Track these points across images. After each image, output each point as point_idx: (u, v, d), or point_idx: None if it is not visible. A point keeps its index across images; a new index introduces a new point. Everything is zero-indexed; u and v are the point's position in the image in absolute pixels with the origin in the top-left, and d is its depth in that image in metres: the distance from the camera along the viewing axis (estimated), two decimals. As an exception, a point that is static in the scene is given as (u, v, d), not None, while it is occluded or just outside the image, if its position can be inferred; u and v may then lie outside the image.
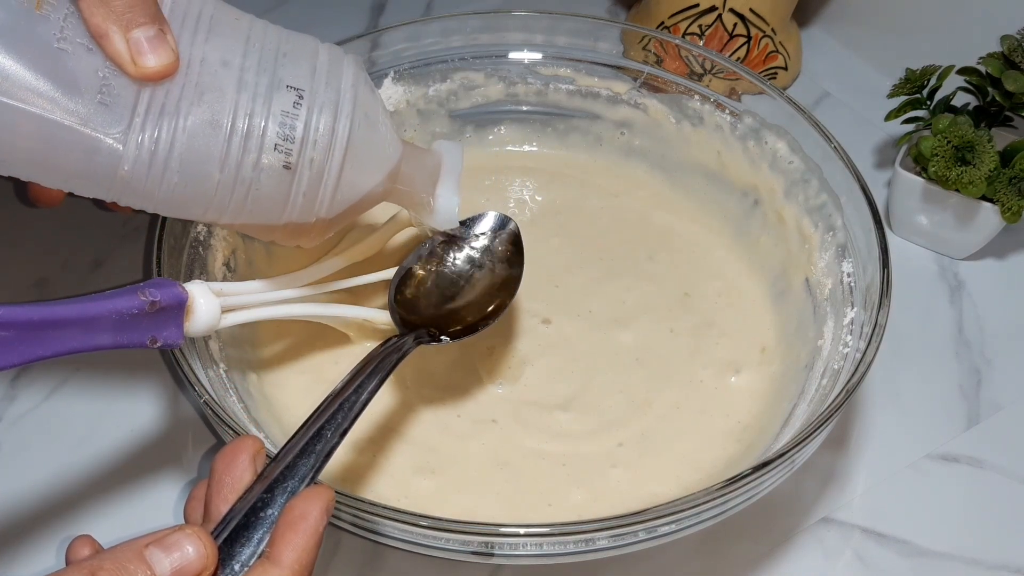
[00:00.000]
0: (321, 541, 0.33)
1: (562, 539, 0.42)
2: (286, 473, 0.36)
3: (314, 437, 0.37)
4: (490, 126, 0.68)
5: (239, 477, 0.35)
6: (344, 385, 0.41)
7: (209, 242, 0.54)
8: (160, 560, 0.31)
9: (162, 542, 0.31)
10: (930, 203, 0.65)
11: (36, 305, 0.35)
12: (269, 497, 0.35)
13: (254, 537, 0.33)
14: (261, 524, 0.34)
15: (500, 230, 0.53)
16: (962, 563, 0.52)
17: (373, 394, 0.41)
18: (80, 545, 0.34)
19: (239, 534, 0.34)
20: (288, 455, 0.36)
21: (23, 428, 0.57)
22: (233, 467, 0.35)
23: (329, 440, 0.37)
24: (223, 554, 0.33)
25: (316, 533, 0.33)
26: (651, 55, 0.64)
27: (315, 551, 0.33)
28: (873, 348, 0.47)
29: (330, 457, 0.37)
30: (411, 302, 0.51)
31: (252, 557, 0.33)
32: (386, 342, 0.45)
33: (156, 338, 0.39)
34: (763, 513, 0.53)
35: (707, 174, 0.64)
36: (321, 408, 0.39)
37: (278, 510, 0.34)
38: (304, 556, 0.32)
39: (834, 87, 0.79)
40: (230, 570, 0.33)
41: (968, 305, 0.65)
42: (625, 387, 0.55)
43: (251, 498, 0.34)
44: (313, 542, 0.33)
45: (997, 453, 0.57)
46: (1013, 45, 0.61)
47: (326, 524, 0.33)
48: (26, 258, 0.66)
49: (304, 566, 0.32)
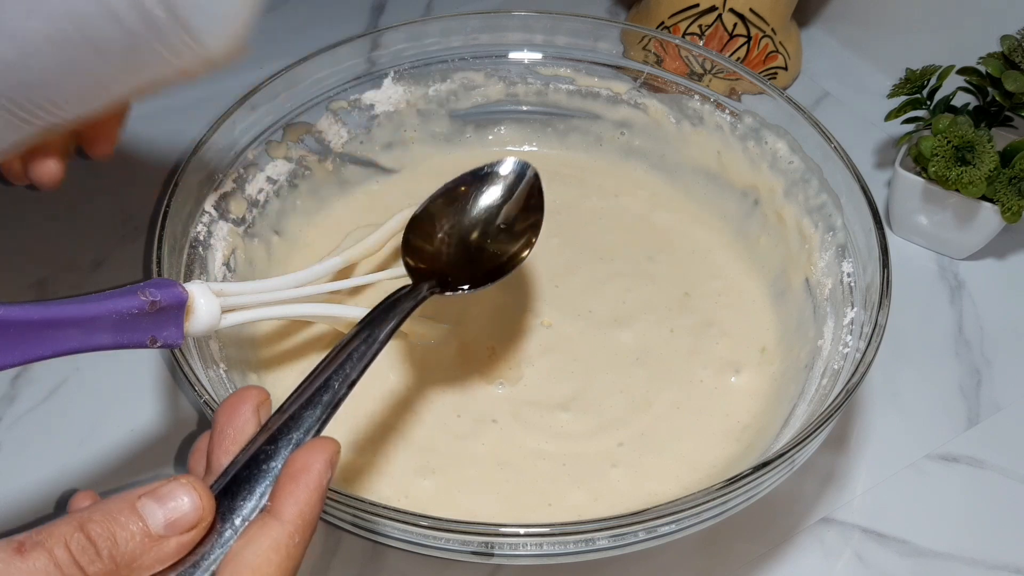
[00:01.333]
0: (324, 494, 0.32)
1: (562, 539, 0.42)
2: (290, 424, 0.34)
3: (321, 387, 0.36)
4: (490, 126, 0.68)
5: (241, 428, 0.34)
6: (354, 335, 0.39)
7: (209, 242, 0.55)
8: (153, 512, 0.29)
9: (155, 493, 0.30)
10: (930, 203, 0.65)
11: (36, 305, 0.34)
12: (272, 449, 0.33)
13: (256, 490, 0.32)
14: (263, 477, 0.32)
15: (520, 175, 0.50)
16: (962, 563, 0.52)
17: (383, 344, 0.39)
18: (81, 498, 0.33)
19: (240, 487, 0.32)
20: (293, 406, 0.35)
21: (23, 428, 0.57)
22: (235, 418, 0.34)
23: (336, 391, 0.36)
24: (224, 507, 0.32)
25: (319, 486, 0.31)
26: (651, 55, 0.64)
27: (318, 505, 0.31)
28: (873, 348, 0.47)
29: (337, 408, 0.35)
30: (423, 249, 0.48)
31: (254, 511, 0.32)
32: (399, 290, 0.43)
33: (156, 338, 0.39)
34: (763, 513, 0.53)
35: (707, 174, 0.64)
36: (329, 358, 0.37)
37: (281, 462, 0.32)
38: (307, 510, 0.31)
39: (834, 87, 0.79)
40: (231, 524, 0.31)
41: (968, 305, 0.65)
42: (625, 387, 0.55)
43: (253, 449, 0.33)
44: (316, 496, 0.31)
45: (997, 453, 0.57)
46: (1013, 45, 0.61)
47: (330, 477, 0.32)
48: (26, 258, 0.66)
49: (306, 520, 0.31)
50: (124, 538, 0.29)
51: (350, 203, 0.65)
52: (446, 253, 0.48)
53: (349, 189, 0.65)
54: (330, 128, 0.63)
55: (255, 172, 0.59)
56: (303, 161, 0.62)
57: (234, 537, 0.31)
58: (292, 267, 0.60)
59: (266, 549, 0.30)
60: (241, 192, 0.58)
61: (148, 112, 0.78)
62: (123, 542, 0.29)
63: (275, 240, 0.60)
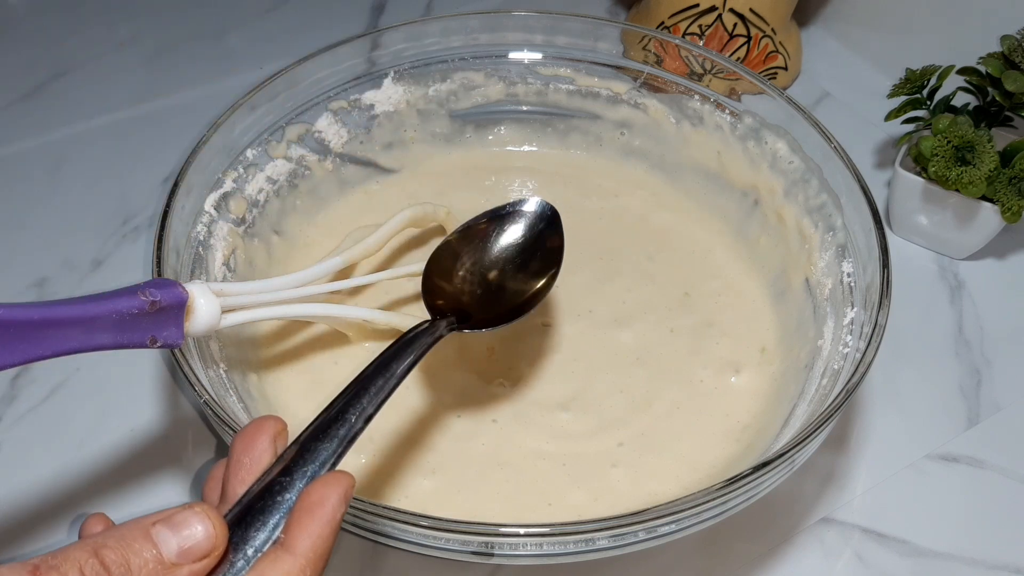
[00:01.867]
0: (338, 529, 0.32)
1: (562, 539, 0.42)
2: (306, 456, 0.34)
3: (337, 420, 0.36)
4: (490, 126, 0.68)
5: (258, 458, 0.34)
6: (372, 369, 0.39)
7: (209, 242, 0.55)
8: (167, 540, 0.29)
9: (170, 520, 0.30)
10: (930, 203, 0.65)
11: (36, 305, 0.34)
12: (287, 481, 0.33)
13: (269, 522, 0.32)
14: (277, 508, 0.32)
15: (541, 215, 0.51)
16: (962, 563, 0.52)
17: (401, 379, 0.39)
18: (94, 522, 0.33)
19: (254, 517, 0.32)
20: (309, 438, 0.35)
21: (23, 428, 0.57)
22: (252, 448, 0.34)
23: (352, 425, 0.36)
24: (236, 538, 0.32)
25: (333, 520, 0.31)
26: (651, 55, 0.64)
27: (331, 539, 0.31)
28: (873, 348, 0.47)
29: (353, 442, 0.35)
30: (442, 287, 0.48)
31: (267, 543, 0.32)
32: (418, 326, 0.43)
33: (156, 338, 0.39)
34: (763, 513, 0.53)
35: (707, 174, 0.64)
36: (346, 391, 0.37)
37: (295, 495, 0.32)
38: (319, 544, 0.31)
39: (834, 87, 0.79)
40: (243, 554, 0.31)
41: (968, 305, 0.65)
42: (625, 387, 0.55)
43: (267, 480, 0.33)
44: (329, 529, 0.31)
45: (997, 453, 0.57)
46: (1013, 45, 0.61)
47: (344, 512, 0.32)
48: (26, 258, 0.67)
49: (319, 555, 0.31)
50: (137, 565, 0.29)
51: (350, 203, 0.65)
52: (466, 291, 0.49)
53: (349, 189, 0.65)
54: (330, 128, 0.63)
55: (255, 172, 0.59)
56: (303, 161, 0.62)
57: (246, 568, 0.31)
58: (292, 267, 0.60)
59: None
60: (241, 192, 0.58)
61: (148, 112, 0.78)
62: (136, 569, 0.29)
63: (275, 240, 0.60)
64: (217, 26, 0.86)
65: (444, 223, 0.61)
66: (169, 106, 0.78)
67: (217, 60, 0.82)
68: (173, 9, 0.87)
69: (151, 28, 0.85)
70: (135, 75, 0.81)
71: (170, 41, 0.84)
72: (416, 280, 0.58)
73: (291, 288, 0.49)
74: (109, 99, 0.78)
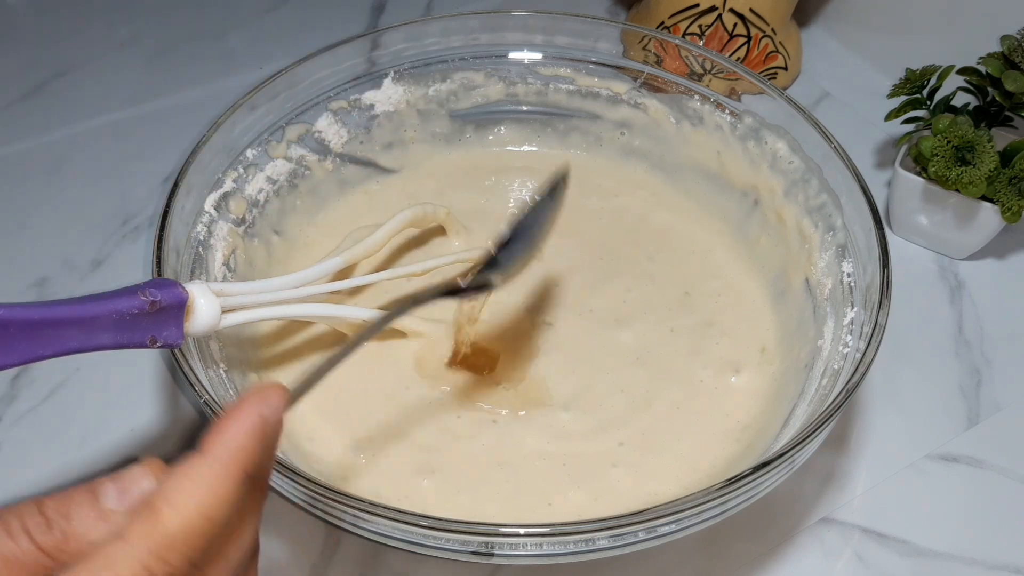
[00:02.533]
0: (262, 436, 0.29)
1: (562, 539, 0.42)
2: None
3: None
4: (490, 126, 0.68)
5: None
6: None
7: (209, 242, 0.55)
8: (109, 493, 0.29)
9: (115, 476, 0.30)
10: (930, 203, 0.65)
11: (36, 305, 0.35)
12: None
13: None
14: None
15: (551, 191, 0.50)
16: (962, 563, 0.52)
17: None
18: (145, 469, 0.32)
19: None
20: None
21: (23, 428, 0.57)
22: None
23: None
24: None
25: (251, 425, 0.29)
26: (651, 55, 0.64)
27: (251, 444, 0.29)
28: (873, 348, 0.47)
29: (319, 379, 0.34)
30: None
31: None
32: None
33: (156, 338, 0.39)
34: (763, 513, 0.53)
35: (707, 174, 0.64)
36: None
37: None
38: (233, 446, 0.29)
39: (834, 87, 0.79)
40: None
41: (968, 305, 0.65)
42: (625, 387, 0.55)
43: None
44: (244, 432, 0.29)
45: (997, 453, 0.57)
46: (1013, 45, 0.61)
47: (271, 422, 0.30)
48: (26, 258, 0.67)
49: (234, 459, 0.29)
50: (78, 515, 0.29)
51: (350, 203, 0.65)
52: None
53: (349, 189, 0.65)
54: (330, 128, 0.63)
55: (255, 172, 0.59)
56: (303, 161, 0.62)
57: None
58: (292, 267, 0.60)
59: (184, 482, 0.28)
60: (241, 192, 0.58)
61: (148, 112, 0.78)
62: (77, 519, 0.29)
63: (275, 240, 0.60)
64: (217, 26, 0.86)
65: (444, 223, 0.61)
66: (169, 106, 0.78)
67: (217, 60, 0.82)
68: (173, 9, 0.87)
69: (151, 28, 0.85)
70: (135, 75, 0.81)
71: (170, 41, 0.84)
72: (416, 281, 0.58)
73: (291, 288, 0.49)
74: (109, 99, 0.78)
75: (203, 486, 0.28)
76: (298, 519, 0.52)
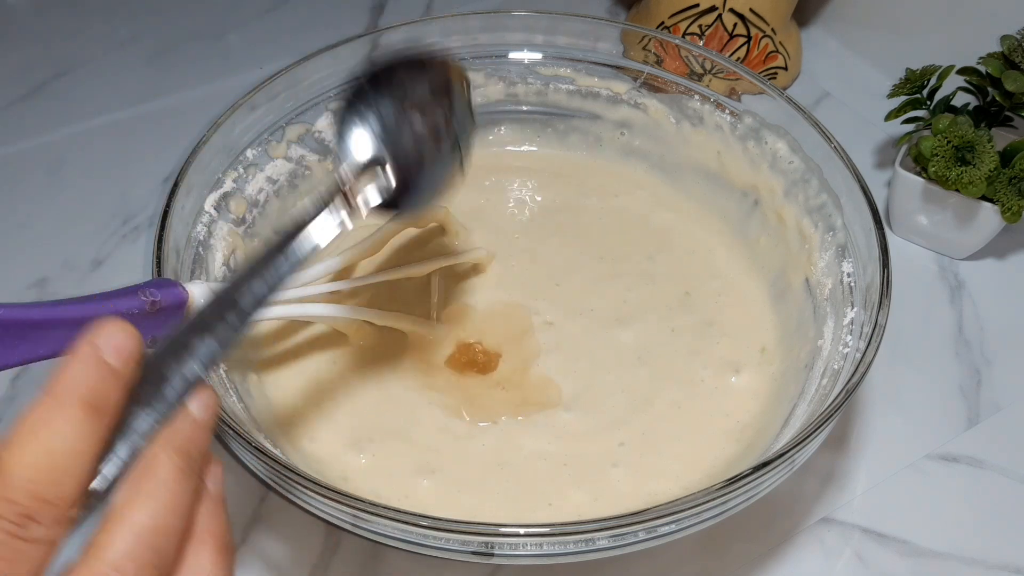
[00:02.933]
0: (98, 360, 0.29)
1: (562, 539, 0.42)
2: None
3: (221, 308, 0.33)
4: (490, 126, 0.68)
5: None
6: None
7: (209, 242, 0.54)
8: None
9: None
10: (930, 203, 0.65)
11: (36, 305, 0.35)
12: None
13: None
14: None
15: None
16: (962, 563, 0.52)
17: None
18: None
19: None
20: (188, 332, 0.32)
21: (23, 428, 0.57)
22: None
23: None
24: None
25: (79, 352, 0.28)
26: (651, 55, 0.64)
27: (80, 370, 0.28)
28: (873, 348, 0.47)
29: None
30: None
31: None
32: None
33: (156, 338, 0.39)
34: (763, 513, 0.53)
35: (707, 174, 0.64)
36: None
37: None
38: (61, 375, 0.28)
39: (834, 87, 0.79)
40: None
41: (968, 305, 0.65)
42: (626, 386, 0.55)
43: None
44: (75, 362, 0.28)
45: (997, 453, 0.57)
46: (1013, 45, 0.61)
47: (102, 343, 0.29)
48: (26, 258, 0.67)
49: (63, 385, 0.28)
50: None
51: (350, 203, 0.64)
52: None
53: (349, 189, 0.65)
54: (330, 128, 0.63)
55: (255, 172, 0.59)
56: (303, 161, 0.62)
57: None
58: (292, 267, 0.59)
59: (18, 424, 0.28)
60: (241, 192, 0.58)
61: (148, 112, 0.78)
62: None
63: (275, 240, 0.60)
64: (217, 26, 0.86)
65: (444, 222, 0.61)
66: (169, 106, 0.78)
67: (217, 60, 0.82)
68: (173, 9, 0.87)
69: (151, 28, 0.85)
70: (135, 75, 0.81)
71: (170, 41, 0.84)
72: (416, 281, 0.58)
73: (291, 288, 0.49)
74: (109, 99, 0.78)
75: (36, 421, 0.28)
76: (298, 519, 0.52)
